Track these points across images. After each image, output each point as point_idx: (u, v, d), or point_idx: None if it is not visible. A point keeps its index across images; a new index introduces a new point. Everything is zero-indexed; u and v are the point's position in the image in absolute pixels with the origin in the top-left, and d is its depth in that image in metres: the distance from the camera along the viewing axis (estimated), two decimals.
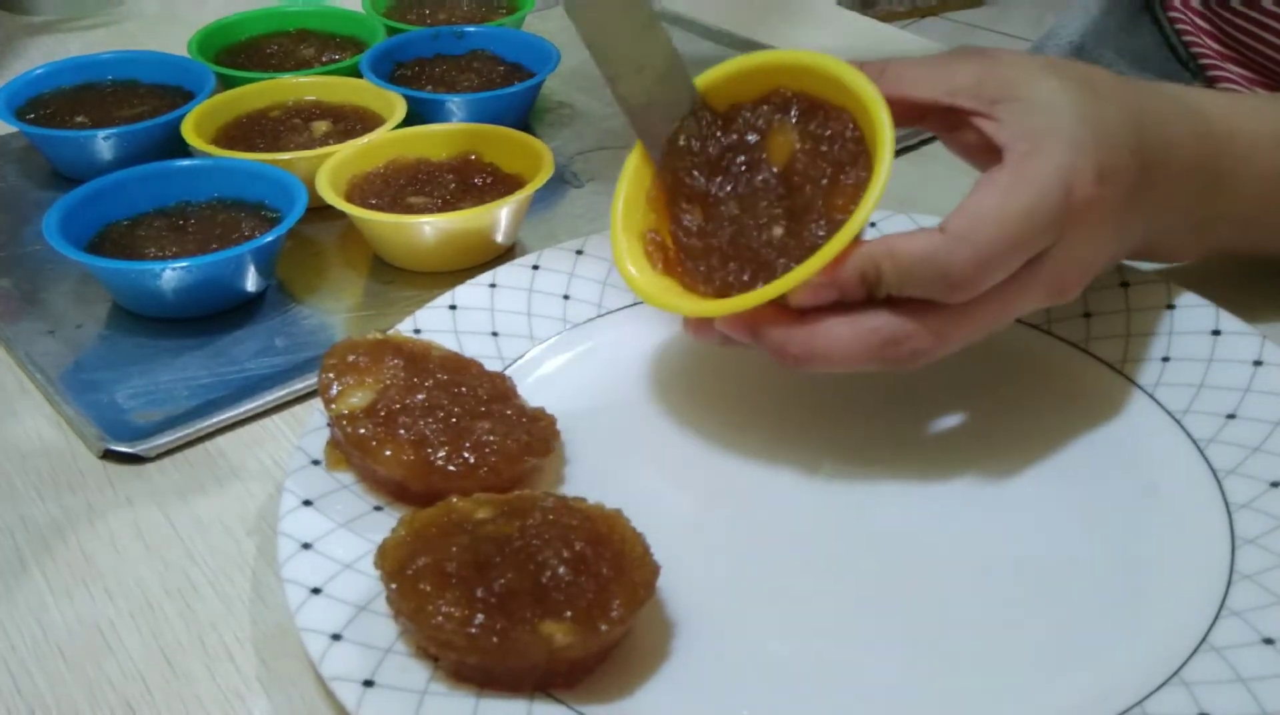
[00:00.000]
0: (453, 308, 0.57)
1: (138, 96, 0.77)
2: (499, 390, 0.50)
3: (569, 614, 0.39)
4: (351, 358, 0.49)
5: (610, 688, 0.40)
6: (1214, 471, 0.48)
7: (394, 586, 0.40)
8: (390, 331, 0.53)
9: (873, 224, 0.60)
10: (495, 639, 0.38)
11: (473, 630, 0.38)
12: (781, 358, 0.46)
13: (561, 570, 0.40)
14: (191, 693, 0.42)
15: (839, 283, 0.44)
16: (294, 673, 0.43)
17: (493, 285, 0.58)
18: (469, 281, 0.58)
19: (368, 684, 0.39)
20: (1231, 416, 0.49)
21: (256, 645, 0.44)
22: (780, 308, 0.46)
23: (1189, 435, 0.50)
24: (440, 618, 0.39)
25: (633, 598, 0.40)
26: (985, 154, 0.47)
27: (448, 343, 0.53)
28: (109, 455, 0.53)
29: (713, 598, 0.44)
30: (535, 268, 0.59)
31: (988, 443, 0.51)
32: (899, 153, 0.67)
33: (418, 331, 0.55)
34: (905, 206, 0.60)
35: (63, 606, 0.46)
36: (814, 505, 0.48)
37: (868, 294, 0.45)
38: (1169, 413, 0.51)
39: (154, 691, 0.43)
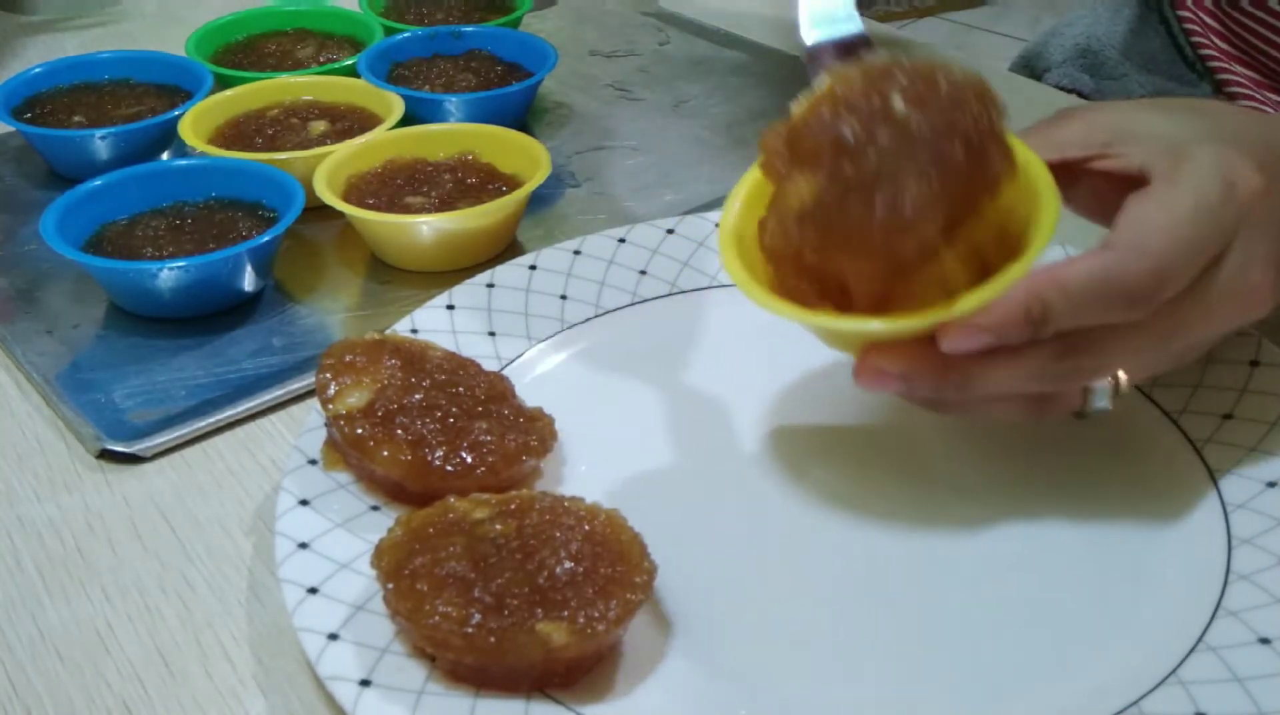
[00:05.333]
0: (450, 308, 0.57)
1: (135, 96, 0.77)
2: (496, 390, 0.50)
3: (566, 614, 0.39)
4: (349, 358, 0.49)
5: (607, 687, 0.40)
6: (1210, 471, 0.48)
7: (391, 586, 0.40)
8: (388, 331, 0.53)
9: None
10: (492, 639, 0.38)
11: (469, 630, 0.38)
12: (933, 403, 0.44)
13: (559, 570, 0.40)
14: (188, 693, 0.42)
15: (1000, 326, 0.40)
16: (291, 672, 0.43)
17: (490, 285, 0.58)
18: (466, 281, 0.58)
19: (364, 683, 0.39)
20: (1228, 416, 0.49)
21: (253, 645, 0.44)
22: (917, 347, 0.42)
23: (1186, 435, 0.50)
24: (437, 617, 0.39)
25: (630, 598, 0.40)
26: (1114, 194, 0.44)
27: (445, 343, 0.53)
28: (106, 455, 0.53)
29: (710, 598, 0.44)
30: (533, 268, 0.59)
31: (982, 444, 0.51)
32: None
33: (415, 331, 0.55)
34: None
35: (59, 607, 0.46)
36: (812, 506, 0.48)
37: (1031, 336, 0.41)
38: (1165, 413, 0.51)
39: (151, 692, 0.43)
